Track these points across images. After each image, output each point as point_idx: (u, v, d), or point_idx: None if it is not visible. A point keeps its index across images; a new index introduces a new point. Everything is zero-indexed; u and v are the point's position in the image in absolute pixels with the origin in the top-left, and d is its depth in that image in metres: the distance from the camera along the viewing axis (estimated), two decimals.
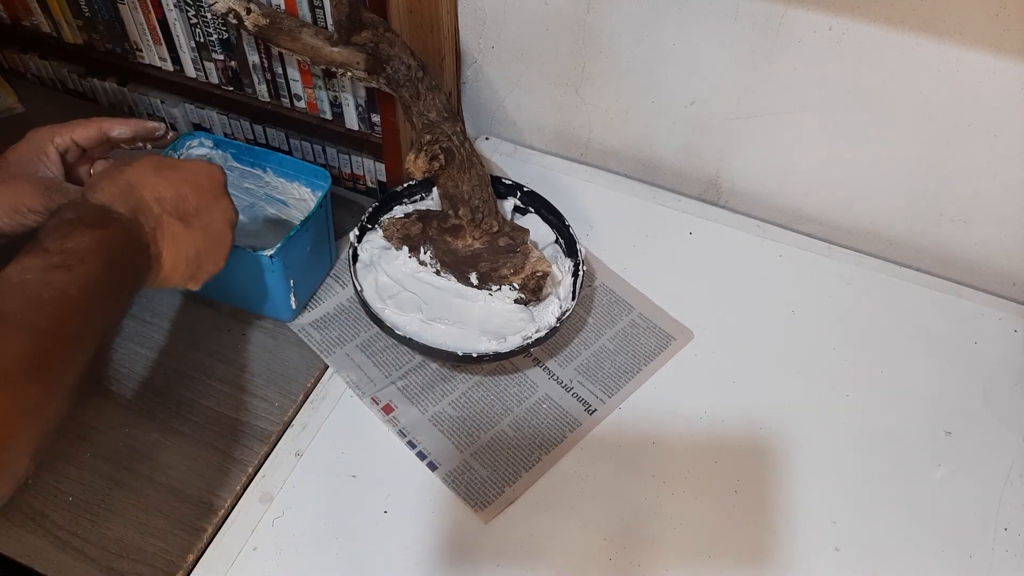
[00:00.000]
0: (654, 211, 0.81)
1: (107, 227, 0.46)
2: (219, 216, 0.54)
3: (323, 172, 0.67)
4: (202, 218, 0.52)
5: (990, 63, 0.62)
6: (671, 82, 0.75)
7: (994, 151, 0.68)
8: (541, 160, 0.85)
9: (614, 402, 0.65)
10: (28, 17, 0.81)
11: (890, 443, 0.64)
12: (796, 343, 0.70)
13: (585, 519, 0.59)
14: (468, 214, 0.64)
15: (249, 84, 0.75)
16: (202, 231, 0.52)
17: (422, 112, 0.61)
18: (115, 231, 0.47)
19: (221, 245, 0.54)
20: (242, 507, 0.59)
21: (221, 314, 0.70)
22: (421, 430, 0.63)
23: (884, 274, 0.76)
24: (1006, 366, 0.69)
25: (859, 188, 0.76)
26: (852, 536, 0.59)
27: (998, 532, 0.59)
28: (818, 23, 0.65)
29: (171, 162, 0.53)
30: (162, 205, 0.50)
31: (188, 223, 0.51)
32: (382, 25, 0.61)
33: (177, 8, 0.72)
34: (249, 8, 0.61)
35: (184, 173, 0.53)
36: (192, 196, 0.52)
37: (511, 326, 0.64)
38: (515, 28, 0.77)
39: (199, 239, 0.52)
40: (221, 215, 0.54)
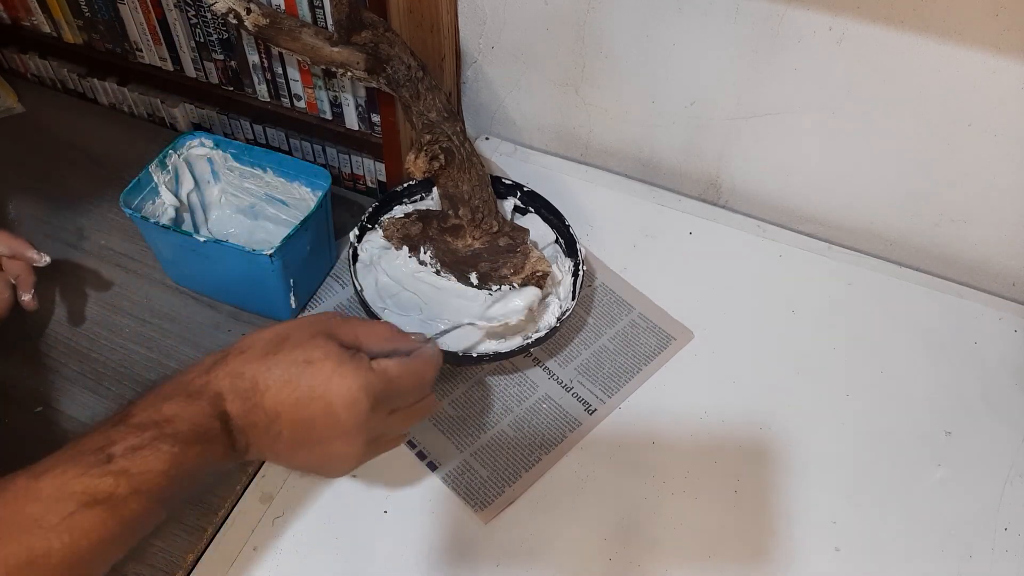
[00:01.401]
0: (654, 211, 0.81)
1: (193, 445, 0.41)
2: (341, 453, 0.46)
3: (323, 172, 0.67)
4: (319, 451, 0.45)
5: (990, 63, 0.62)
6: (671, 82, 0.75)
7: (994, 151, 0.68)
8: (541, 160, 0.85)
9: (614, 402, 0.65)
10: (28, 17, 0.81)
11: (890, 443, 0.64)
12: (796, 343, 0.70)
13: (585, 519, 0.59)
14: (468, 214, 0.64)
15: (249, 84, 0.75)
16: (311, 460, 0.46)
17: (422, 112, 0.61)
18: (196, 450, 0.41)
19: (327, 471, 0.48)
20: (242, 507, 0.59)
21: (221, 314, 0.70)
22: (421, 430, 0.63)
23: (884, 274, 0.76)
24: (1006, 366, 0.69)
25: (859, 188, 0.76)
26: (852, 536, 0.59)
27: (998, 532, 0.59)
28: (818, 23, 0.65)
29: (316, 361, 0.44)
30: (277, 423, 0.43)
31: (298, 447, 0.44)
32: (382, 25, 0.61)
33: (177, 8, 0.72)
34: (249, 8, 0.61)
35: (322, 388, 0.43)
36: (321, 422, 0.44)
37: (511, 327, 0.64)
38: (515, 28, 0.77)
39: (301, 462, 0.46)
40: (344, 457, 0.46)
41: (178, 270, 0.71)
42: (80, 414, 0.63)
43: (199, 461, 0.41)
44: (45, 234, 0.76)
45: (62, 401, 0.64)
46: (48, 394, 0.64)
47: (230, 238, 0.73)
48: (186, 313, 0.70)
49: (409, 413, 0.50)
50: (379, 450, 0.50)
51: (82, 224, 0.77)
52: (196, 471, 0.41)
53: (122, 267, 0.73)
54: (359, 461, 0.48)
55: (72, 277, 0.72)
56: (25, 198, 0.79)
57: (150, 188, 0.68)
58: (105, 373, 0.66)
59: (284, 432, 0.44)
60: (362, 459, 0.48)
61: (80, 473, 0.38)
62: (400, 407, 0.48)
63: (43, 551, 0.36)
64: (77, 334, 0.68)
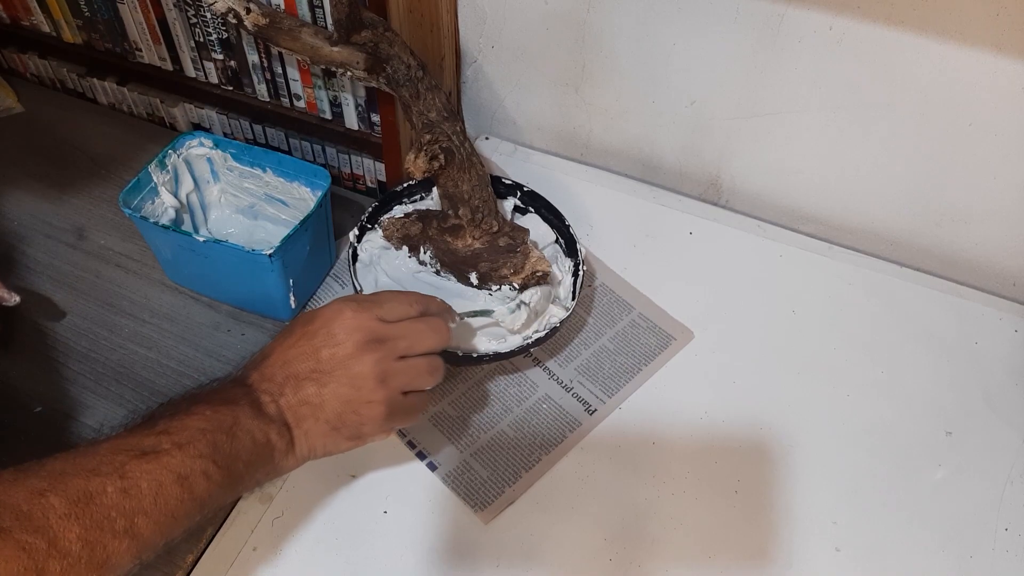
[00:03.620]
0: (654, 211, 0.80)
1: (226, 405, 0.46)
2: (359, 385, 0.49)
3: (323, 172, 0.67)
4: (340, 393, 0.49)
5: (990, 63, 0.62)
6: (671, 82, 0.75)
7: (994, 151, 0.68)
8: (541, 160, 0.85)
9: (614, 402, 0.65)
10: (27, 17, 0.81)
11: (890, 443, 0.64)
12: (796, 343, 0.70)
13: (585, 519, 0.59)
14: (468, 214, 0.64)
15: (249, 84, 0.75)
16: (339, 409, 0.49)
17: (422, 112, 0.61)
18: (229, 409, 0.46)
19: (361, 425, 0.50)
20: (242, 507, 0.59)
21: (220, 314, 0.70)
22: (421, 430, 0.63)
23: (884, 274, 0.76)
24: (1006, 366, 0.69)
25: (859, 188, 0.76)
26: (852, 536, 0.59)
27: (999, 532, 0.59)
28: (818, 23, 0.65)
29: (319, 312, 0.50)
30: (291, 375, 0.48)
31: (321, 388, 0.48)
32: (382, 25, 0.61)
33: (176, 8, 0.72)
34: (249, 8, 0.61)
35: (319, 318, 0.50)
36: (325, 353, 0.49)
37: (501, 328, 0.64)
38: (515, 27, 0.77)
39: (332, 414, 0.49)
40: (367, 396, 0.49)
41: (178, 270, 0.71)
42: (80, 414, 0.63)
43: (234, 421, 0.45)
44: (45, 234, 0.76)
45: (62, 401, 0.64)
46: (48, 394, 0.64)
47: (230, 238, 0.73)
48: (185, 313, 0.70)
49: (419, 364, 0.51)
50: (403, 408, 0.51)
51: (82, 224, 0.77)
52: (234, 428, 0.45)
53: (122, 267, 0.73)
54: (387, 407, 0.50)
55: (72, 277, 0.72)
56: (25, 198, 0.79)
57: (149, 188, 0.68)
58: (105, 373, 0.65)
59: (303, 379, 0.48)
60: (388, 407, 0.50)
61: (129, 436, 0.43)
62: (404, 346, 0.50)
63: (99, 488, 0.40)
64: (77, 334, 0.68)
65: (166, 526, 0.42)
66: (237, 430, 0.45)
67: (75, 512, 0.39)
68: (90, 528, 0.39)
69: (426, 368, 0.52)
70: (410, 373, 0.51)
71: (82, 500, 0.39)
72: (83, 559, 0.38)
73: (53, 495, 0.39)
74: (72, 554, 0.38)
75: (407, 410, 0.52)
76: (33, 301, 0.70)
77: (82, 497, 0.39)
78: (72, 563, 0.38)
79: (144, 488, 0.41)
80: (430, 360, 0.52)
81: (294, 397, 0.48)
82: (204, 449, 0.44)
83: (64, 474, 0.40)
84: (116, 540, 0.39)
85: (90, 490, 0.40)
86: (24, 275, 0.72)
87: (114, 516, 0.40)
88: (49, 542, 0.37)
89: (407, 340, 0.51)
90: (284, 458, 0.48)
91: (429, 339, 0.52)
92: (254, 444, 0.46)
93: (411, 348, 0.51)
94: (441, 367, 0.53)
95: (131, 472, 0.41)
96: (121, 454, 0.42)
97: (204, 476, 0.43)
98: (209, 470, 0.43)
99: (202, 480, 0.43)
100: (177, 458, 0.43)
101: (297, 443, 0.49)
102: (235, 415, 0.46)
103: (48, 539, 0.37)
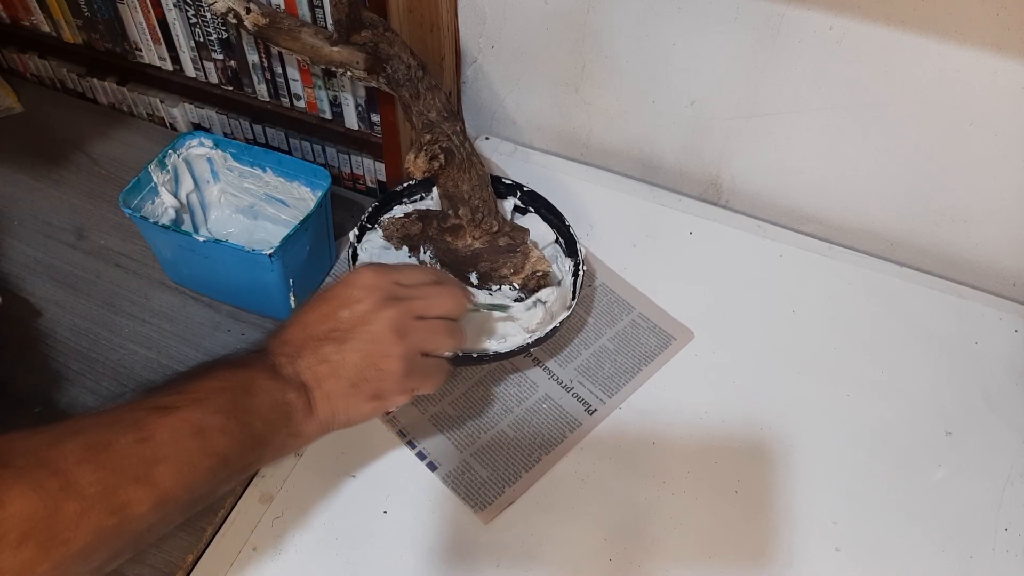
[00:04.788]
0: (654, 211, 0.80)
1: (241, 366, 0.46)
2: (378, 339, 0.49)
3: (323, 172, 0.67)
4: (360, 348, 0.49)
5: (990, 63, 0.62)
6: (671, 82, 0.75)
7: (994, 151, 0.68)
8: (541, 160, 0.85)
9: (614, 402, 0.65)
10: (27, 17, 0.81)
11: (890, 443, 0.64)
12: (796, 343, 0.70)
13: (585, 519, 0.59)
14: (468, 214, 0.64)
15: (249, 84, 0.75)
16: (359, 364, 0.49)
17: (422, 112, 0.61)
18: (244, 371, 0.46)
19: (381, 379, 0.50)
20: (242, 507, 0.59)
21: (220, 314, 0.70)
22: (421, 430, 0.63)
23: (884, 274, 0.76)
24: (1006, 366, 0.69)
25: (859, 188, 0.76)
26: (852, 536, 0.59)
27: (999, 532, 0.59)
28: (818, 23, 0.65)
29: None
30: (311, 336, 0.49)
31: (340, 347, 0.48)
32: (382, 24, 0.61)
33: (177, 8, 0.72)
34: (249, 8, 0.61)
35: (335, 285, 0.50)
36: (342, 312, 0.49)
37: (511, 326, 0.64)
38: (515, 27, 0.77)
39: (352, 369, 0.49)
40: (384, 349, 0.49)
41: (178, 270, 0.71)
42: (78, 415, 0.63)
43: (251, 381, 0.46)
44: (45, 234, 0.76)
45: (62, 401, 0.64)
46: (48, 394, 0.64)
47: (230, 238, 0.73)
48: (185, 313, 0.70)
49: (436, 324, 0.52)
50: (422, 369, 0.51)
51: (82, 224, 0.77)
52: (251, 387, 0.45)
53: (122, 267, 0.73)
54: (405, 363, 0.49)
55: (72, 277, 0.72)
56: (25, 198, 0.79)
57: (149, 188, 0.68)
58: (105, 373, 0.65)
59: (322, 340, 0.48)
60: (406, 363, 0.49)
61: (146, 397, 0.43)
62: (422, 306, 0.51)
63: (115, 438, 0.40)
64: (77, 334, 0.68)
65: (187, 477, 0.41)
66: (254, 389, 0.45)
67: (91, 457, 0.38)
68: (107, 472, 0.38)
69: (444, 329, 0.52)
70: (428, 330, 0.51)
71: (98, 447, 0.39)
72: (100, 502, 0.38)
73: (69, 442, 0.38)
74: (89, 496, 0.37)
75: (426, 371, 0.52)
76: (32, 301, 0.70)
77: (98, 444, 0.39)
78: (89, 504, 0.37)
79: (161, 439, 0.41)
80: (448, 323, 0.52)
81: (313, 357, 0.48)
82: (221, 405, 0.44)
83: (80, 427, 0.40)
84: (135, 486, 0.39)
85: (107, 438, 0.39)
86: (24, 275, 0.72)
87: (132, 463, 0.39)
88: (64, 483, 0.37)
89: (424, 301, 0.51)
90: (305, 420, 0.48)
91: (446, 301, 0.52)
92: (272, 403, 0.46)
93: (428, 308, 0.51)
94: (460, 331, 0.53)
95: (148, 424, 0.41)
96: (138, 411, 0.42)
97: (222, 431, 0.43)
98: (227, 426, 0.43)
99: (220, 435, 0.43)
100: (194, 412, 0.42)
101: (318, 404, 0.48)
102: (251, 376, 0.46)
103: (63, 480, 0.37)
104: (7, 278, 0.72)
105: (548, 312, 0.62)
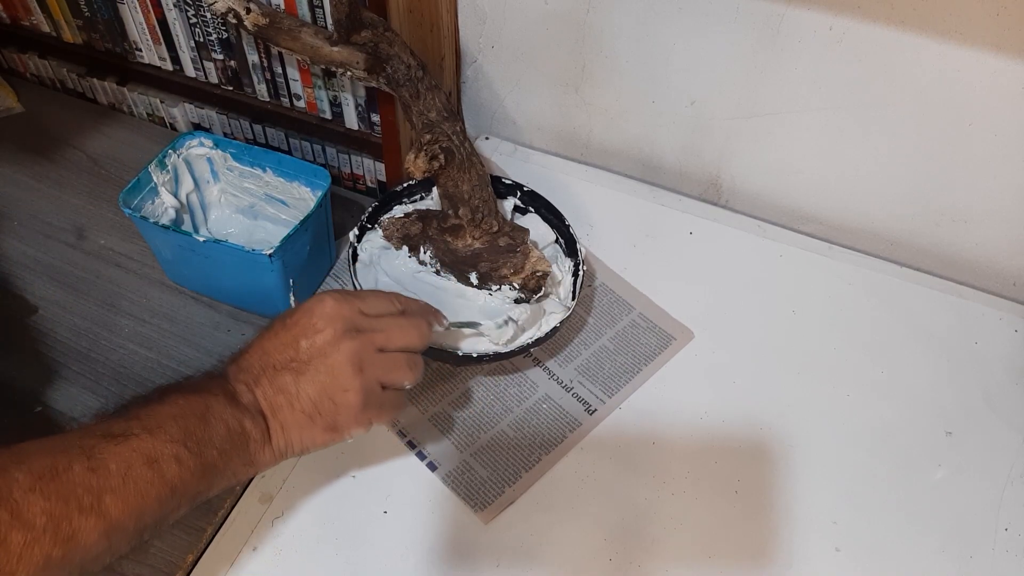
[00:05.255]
0: (654, 211, 0.80)
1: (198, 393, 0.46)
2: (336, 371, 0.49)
3: (323, 172, 0.67)
4: (316, 381, 0.48)
5: (990, 63, 0.62)
6: (671, 82, 0.75)
7: (994, 151, 0.67)
8: (541, 160, 0.85)
9: (614, 402, 0.65)
10: (27, 17, 0.81)
11: (890, 443, 0.64)
12: (796, 343, 0.70)
13: (585, 519, 0.59)
14: (468, 214, 0.64)
15: (249, 84, 0.75)
16: (316, 397, 0.48)
17: (422, 112, 0.61)
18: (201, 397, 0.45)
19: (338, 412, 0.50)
20: (241, 507, 0.59)
21: (220, 314, 0.70)
22: (421, 430, 0.63)
23: (884, 274, 0.76)
24: (1006, 366, 0.69)
25: (859, 188, 0.76)
26: (852, 536, 0.59)
27: (999, 532, 0.59)
28: (818, 23, 0.65)
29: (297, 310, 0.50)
30: (267, 365, 0.48)
31: (297, 377, 0.48)
32: (382, 24, 0.61)
33: (177, 8, 0.72)
34: (249, 8, 0.61)
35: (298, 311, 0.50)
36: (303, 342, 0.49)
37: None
38: (515, 27, 0.77)
39: (307, 403, 0.48)
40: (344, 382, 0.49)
41: (177, 270, 0.71)
42: (80, 414, 0.63)
43: (206, 408, 0.45)
44: (45, 234, 0.76)
45: (62, 401, 0.64)
46: (48, 394, 0.64)
47: (229, 238, 0.73)
48: (185, 313, 0.70)
49: (397, 357, 0.51)
50: (380, 402, 0.51)
51: (82, 224, 0.77)
52: (207, 415, 0.45)
53: (122, 267, 0.73)
54: (362, 396, 0.49)
55: (72, 277, 0.72)
56: (25, 198, 0.79)
57: (149, 188, 0.68)
58: (105, 373, 0.65)
59: (280, 369, 0.48)
60: (363, 396, 0.49)
61: (99, 423, 0.43)
62: (383, 339, 0.50)
63: (65, 466, 0.39)
64: (77, 334, 0.68)
65: (136, 507, 0.41)
66: (210, 416, 0.45)
67: (40, 486, 0.38)
68: (55, 502, 0.38)
69: (404, 362, 0.51)
70: (387, 364, 0.51)
71: (47, 475, 0.38)
72: (48, 532, 0.37)
73: (17, 470, 0.38)
74: (36, 527, 0.37)
75: (383, 404, 0.51)
76: (32, 301, 0.70)
77: (47, 472, 0.38)
78: (36, 536, 0.37)
79: (112, 468, 0.40)
80: (409, 356, 0.52)
81: (270, 387, 0.48)
82: (175, 434, 0.43)
83: (29, 453, 0.39)
84: (83, 516, 0.39)
85: (56, 466, 0.39)
86: (24, 275, 0.72)
87: (80, 492, 0.39)
88: (12, 513, 0.36)
89: (385, 333, 0.51)
90: (260, 449, 0.47)
91: (408, 333, 0.52)
92: (228, 431, 0.45)
93: (389, 341, 0.51)
94: (420, 365, 0.53)
95: (99, 452, 0.40)
96: (90, 438, 0.41)
97: (175, 460, 0.42)
98: (180, 454, 0.43)
99: (173, 464, 0.42)
100: (147, 441, 0.42)
101: (273, 434, 0.48)
102: (208, 403, 0.45)
103: (11, 510, 0.37)
104: (7, 278, 0.72)
105: (520, 328, 0.62)
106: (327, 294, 0.51)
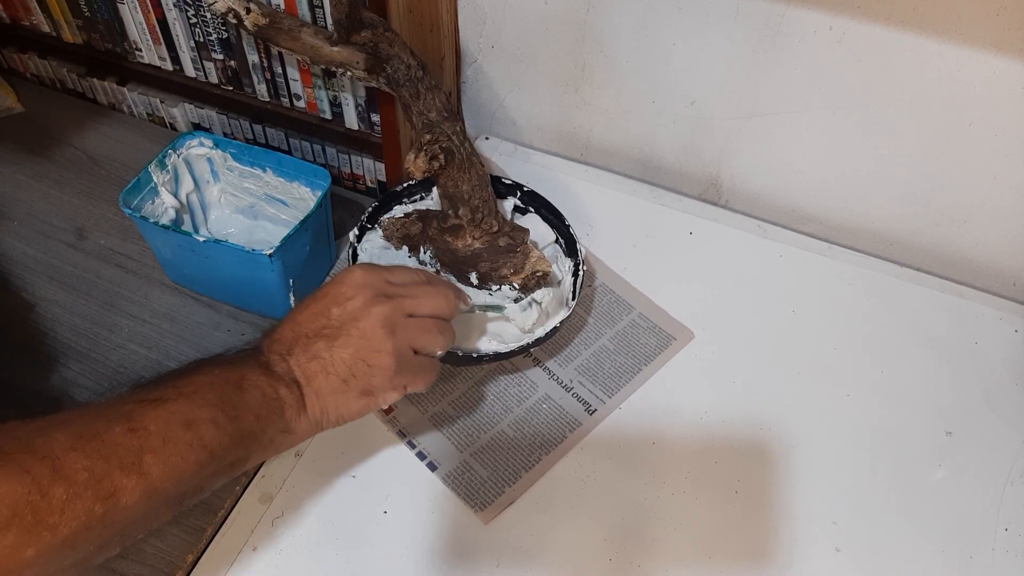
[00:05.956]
0: (654, 211, 0.80)
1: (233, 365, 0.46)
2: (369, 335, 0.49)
3: (323, 172, 0.67)
4: (350, 345, 0.49)
5: (990, 63, 0.62)
6: (671, 82, 0.75)
7: (994, 151, 0.67)
8: (541, 160, 0.85)
9: (614, 402, 0.65)
10: (27, 17, 0.81)
11: (890, 443, 0.64)
12: (796, 343, 0.70)
13: (585, 519, 0.59)
14: (468, 214, 0.64)
15: (249, 84, 0.75)
16: (349, 363, 0.49)
17: (422, 112, 0.61)
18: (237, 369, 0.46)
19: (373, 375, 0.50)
20: (241, 507, 0.59)
21: (220, 314, 0.70)
22: (421, 430, 0.63)
23: (884, 274, 0.76)
24: (1006, 366, 0.69)
25: (859, 188, 0.76)
26: (852, 536, 0.59)
27: (999, 532, 0.59)
28: (818, 23, 0.65)
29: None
30: (302, 334, 0.49)
31: (331, 345, 0.49)
32: (382, 25, 0.61)
33: (177, 8, 0.72)
34: (249, 8, 0.61)
35: (327, 285, 0.51)
36: (335, 311, 0.49)
37: (507, 326, 0.64)
38: (515, 28, 0.77)
39: (342, 367, 0.49)
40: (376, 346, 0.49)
41: (177, 270, 0.71)
42: None
43: (241, 376, 0.46)
44: (45, 234, 0.76)
45: (62, 401, 0.64)
46: (48, 394, 0.64)
47: (229, 238, 0.73)
48: (185, 313, 0.70)
49: (427, 322, 0.52)
50: (412, 366, 0.51)
51: (82, 224, 0.77)
52: (241, 382, 0.45)
53: (122, 267, 0.73)
54: (395, 359, 0.49)
55: (72, 277, 0.72)
56: (25, 198, 0.79)
57: (149, 188, 0.68)
58: (105, 373, 0.65)
59: (313, 337, 0.48)
60: (396, 359, 0.49)
61: (136, 391, 0.43)
62: (412, 304, 0.51)
63: (105, 427, 0.40)
64: (77, 334, 0.68)
65: (176, 469, 0.41)
66: (245, 384, 0.45)
67: (80, 445, 0.38)
68: (96, 460, 0.38)
69: (435, 327, 0.52)
70: (419, 328, 0.51)
71: (88, 436, 0.39)
72: (88, 488, 0.38)
73: (58, 431, 0.39)
74: (77, 481, 0.37)
75: (416, 369, 0.52)
76: (32, 301, 0.70)
77: (88, 432, 0.39)
78: (77, 490, 0.37)
79: (152, 429, 0.41)
80: (438, 321, 0.53)
81: (303, 355, 0.48)
82: (211, 399, 0.44)
83: (70, 417, 0.40)
84: (124, 474, 0.39)
85: (96, 428, 0.40)
86: (24, 275, 0.72)
87: (121, 452, 0.39)
88: (53, 468, 0.37)
89: (414, 300, 0.51)
90: (296, 416, 0.48)
91: (436, 300, 0.53)
92: (264, 398, 0.46)
93: (418, 307, 0.52)
94: (450, 331, 0.54)
95: (138, 415, 0.41)
96: (128, 403, 0.42)
97: (212, 424, 0.43)
98: (217, 418, 0.43)
99: (210, 427, 0.43)
100: (184, 405, 0.43)
101: (308, 402, 0.48)
102: (242, 372, 0.46)
103: (52, 465, 0.37)
104: (7, 278, 0.72)
105: (544, 312, 0.62)
106: (356, 266, 0.52)
